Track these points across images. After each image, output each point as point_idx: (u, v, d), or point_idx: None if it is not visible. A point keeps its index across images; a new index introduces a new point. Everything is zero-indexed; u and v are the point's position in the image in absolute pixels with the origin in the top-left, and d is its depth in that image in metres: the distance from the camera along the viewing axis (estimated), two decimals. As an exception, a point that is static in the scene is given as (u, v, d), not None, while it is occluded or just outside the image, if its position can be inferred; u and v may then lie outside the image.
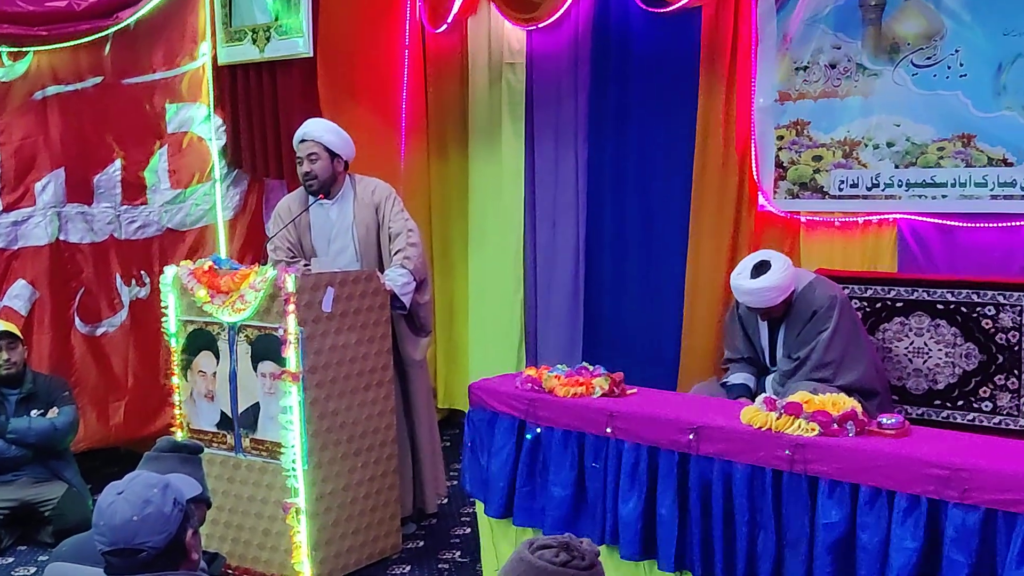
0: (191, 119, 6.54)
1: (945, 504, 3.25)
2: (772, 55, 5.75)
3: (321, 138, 5.24)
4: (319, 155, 5.23)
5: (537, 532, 4.32)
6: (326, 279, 4.71)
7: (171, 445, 3.31)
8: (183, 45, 6.50)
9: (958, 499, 3.22)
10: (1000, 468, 3.19)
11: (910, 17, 5.32)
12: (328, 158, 5.23)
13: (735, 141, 5.89)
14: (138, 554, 2.37)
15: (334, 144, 5.25)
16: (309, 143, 5.25)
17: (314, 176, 5.23)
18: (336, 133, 5.29)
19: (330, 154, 5.23)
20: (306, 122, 5.37)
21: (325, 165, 5.23)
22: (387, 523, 5.04)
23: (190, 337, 4.99)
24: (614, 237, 6.55)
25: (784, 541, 3.62)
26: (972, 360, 5.05)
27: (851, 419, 3.60)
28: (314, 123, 5.36)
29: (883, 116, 5.43)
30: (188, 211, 6.53)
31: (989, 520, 3.18)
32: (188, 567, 2.47)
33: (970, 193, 5.20)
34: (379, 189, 5.34)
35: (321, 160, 5.23)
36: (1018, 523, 3.10)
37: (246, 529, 4.86)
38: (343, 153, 5.29)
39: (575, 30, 6.59)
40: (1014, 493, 3.11)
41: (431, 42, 7.22)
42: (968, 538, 3.19)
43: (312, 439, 4.62)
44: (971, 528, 3.19)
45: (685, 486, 3.88)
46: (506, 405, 4.45)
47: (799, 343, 4.84)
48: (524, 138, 6.91)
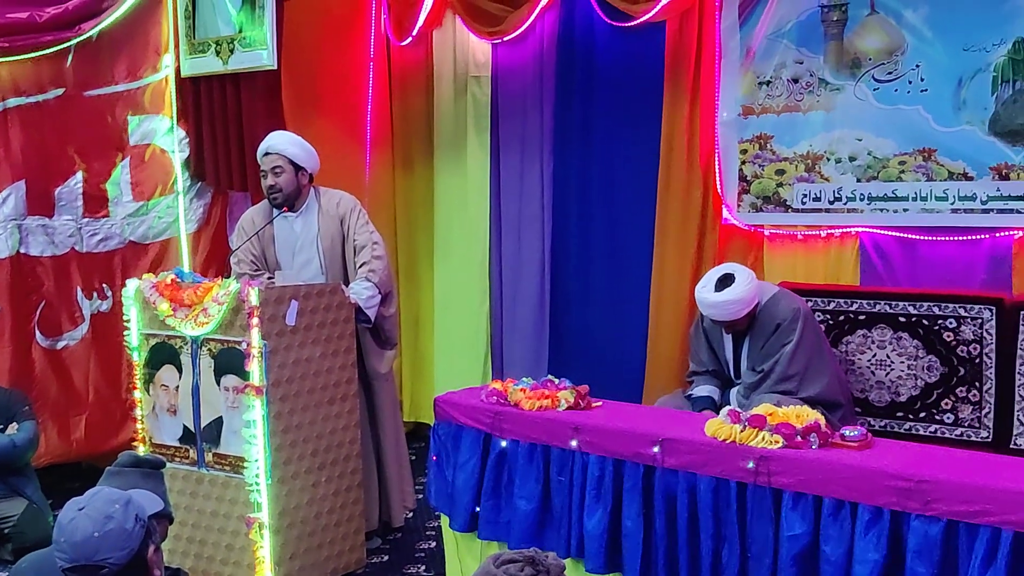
0: (154, 131, 6.49)
1: (908, 516, 3.28)
2: (735, 69, 5.80)
3: (285, 151, 5.22)
4: (283, 168, 5.20)
5: (503, 546, 4.32)
6: (290, 292, 4.69)
7: (133, 460, 3.28)
8: (146, 57, 6.46)
9: (920, 511, 3.24)
10: (962, 480, 3.21)
11: (871, 32, 5.37)
12: (292, 171, 5.21)
13: (699, 155, 5.92)
14: (99, 571, 2.35)
15: (298, 157, 5.23)
16: (273, 156, 5.22)
17: (279, 189, 5.20)
18: (300, 146, 5.27)
19: (294, 167, 5.21)
20: (270, 135, 5.35)
21: (289, 178, 5.21)
22: (351, 538, 5.01)
23: (152, 351, 4.94)
24: (579, 250, 6.56)
25: (748, 553, 3.63)
26: (934, 372, 5.10)
27: (814, 431, 3.62)
28: (278, 136, 5.34)
29: (845, 130, 5.48)
30: (151, 224, 6.48)
31: (951, 531, 3.20)
32: (150, 583, 2.45)
33: (931, 207, 5.25)
34: (344, 201, 5.32)
35: (285, 173, 5.20)
36: (980, 534, 3.12)
37: (209, 544, 4.82)
38: (307, 166, 5.26)
39: (540, 44, 6.61)
40: (976, 504, 3.13)
41: (396, 55, 7.22)
42: (930, 550, 3.21)
43: (276, 453, 4.59)
44: (933, 540, 3.21)
45: (650, 499, 3.89)
46: (471, 418, 4.45)
47: (763, 356, 4.86)
48: (489, 151, 6.91)
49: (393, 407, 5.52)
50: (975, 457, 3.64)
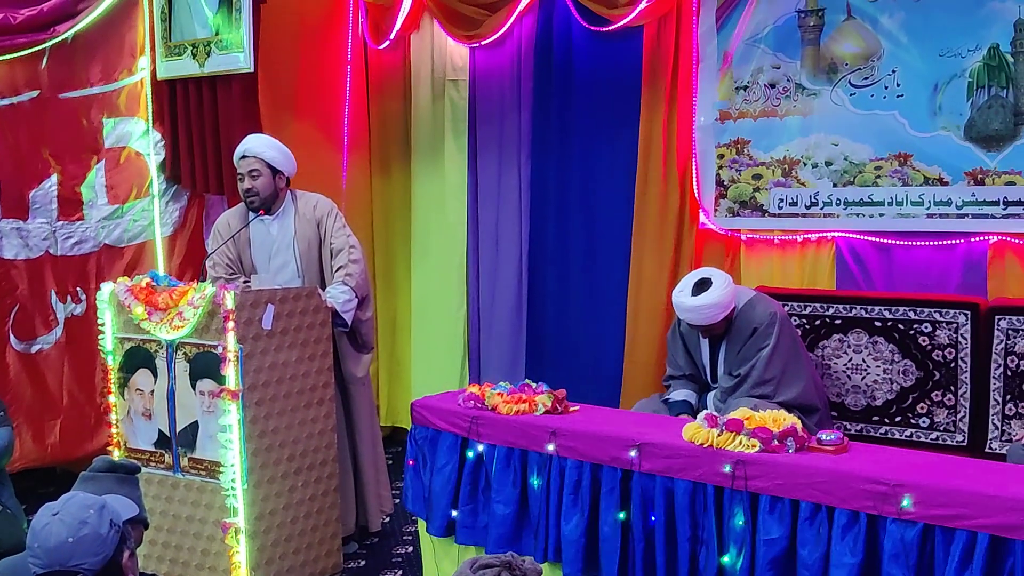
0: (129, 134, 6.46)
1: (884, 520, 3.28)
2: (713, 74, 5.81)
3: (263, 154, 5.20)
4: (260, 171, 5.18)
5: (480, 550, 4.31)
6: (266, 296, 4.67)
7: (107, 465, 3.25)
8: (121, 59, 6.43)
9: (896, 515, 3.25)
10: (937, 484, 3.22)
11: (848, 38, 5.40)
12: (270, 174, 5.19)
13: (676, 159, 5.94)
14: (73, 576, 2.33)
15: (276, 160, 5.21)
16: (250, 159, 5.20)
17: (256, 192, 5.18)
18: (278, 149, 5.25)
19: (272, 170, 5.19)
20: (247, 138, 5.32)
21: (267, 182, 5.19)
22: (328, 542, 4.98)
23: (127, 355, 4.91)
24: (557, 254, 6.56)
25: (725, 557, 3.63)
26: (909, 377, 5.12)
27: (791, 435, 3.62)
28: (255, 139, 5.32)
29: (821, 135, 5.50)
30: (126, 227, 6.45)
31: (927, 535, 3.21)
32: (124, 589, 2.43)
33: (907, 212, 5.28)
34: (320, 204, 5.30)
35: (263, 176, 5.18)
36: (956, 538, 3.13)
37: (184, 549, 4.79)
38: (284, 169, 5.25)
39: (518, 48, 6.61)
40: (951, 508, 3.14)
41: (373, 58, 7.21)
42: (907, 553, 3.22)
43: (252, 458, 4.57)
44: (909, 543, 3.22)
45: (628, 503, 3.89)
46: (448, 423, 4.43)
47: (740, 360, 4.87)
48: (467, 155, 6.90)
49: (370, 411, 5.50)
50: (951, 461, 3.66)
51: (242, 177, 5.20)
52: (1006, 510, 3.04)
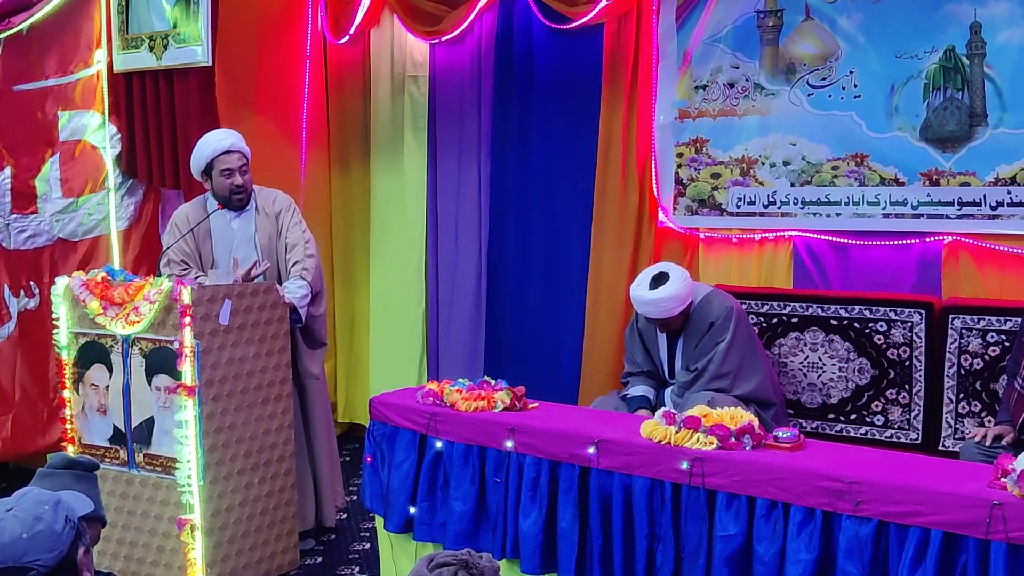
0: (84, 127, 6.39)
1: (839, 516, 3.32)
2: (672, 73, 5.83)
3: (245, 150, 5.20)
4: (248, 167, 5.19)
5: (438, 547, 4.30)
6: (223, 291, 4.63)
7: (65, 462, 3.20)
8: (77, 52, 6.36)
9: (851, 511, 3.28)
10: (892, 481, 3.26)
11: (806, 38, 5.44)
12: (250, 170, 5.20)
13: (636, 157, 5.95)
14: (27, 572, 2.28)
15: (249, 155, 5.23)
16: (238, 155, 5.15)
17: (245, 189, 5.16)
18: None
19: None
20: (222, 132, 5.28)
21: (251, 177, 5.20)
22: (284, 539, 4.96)
23: (82, 350, 4.86)
24: (516, 251, 6.55)
25: (683, 553, 3.65)
26: (865, 375, 5.17)
27: (748, 432, 3.65)
28: (232, 133, 5.28)
29: (779, 135, 5.54)
30: (80, 221, 6.38)
31: (881, 532, 3.25)
32: (78, 586, 2.39)
33: (863, 211, 5.33)
34: (279, 199, 5.28)
35: (250, 173, 5.19)
36: (910, 535, 3.17)
37: (139, 546, 4.75)
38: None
39: (478, 44, 6.60)
40: (906, 505, 3.18)
41: (333, 53, 7.17)
42: (861, 550, 3.25)
43: (208, 454, 4.54)
44: (864, 540, 3.25)
45: (585, 500, 3.90)
46: (407, 419, 4.43)
47: (697, 354, 4.90)
48: (427, 151, 6.88)
49: (325, 407, 5.48)
50: (905, 459, 3.70)
51: (231, 172, 5.13)
52: (959, 507, 3.08)
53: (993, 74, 4.96)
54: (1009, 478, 3.07)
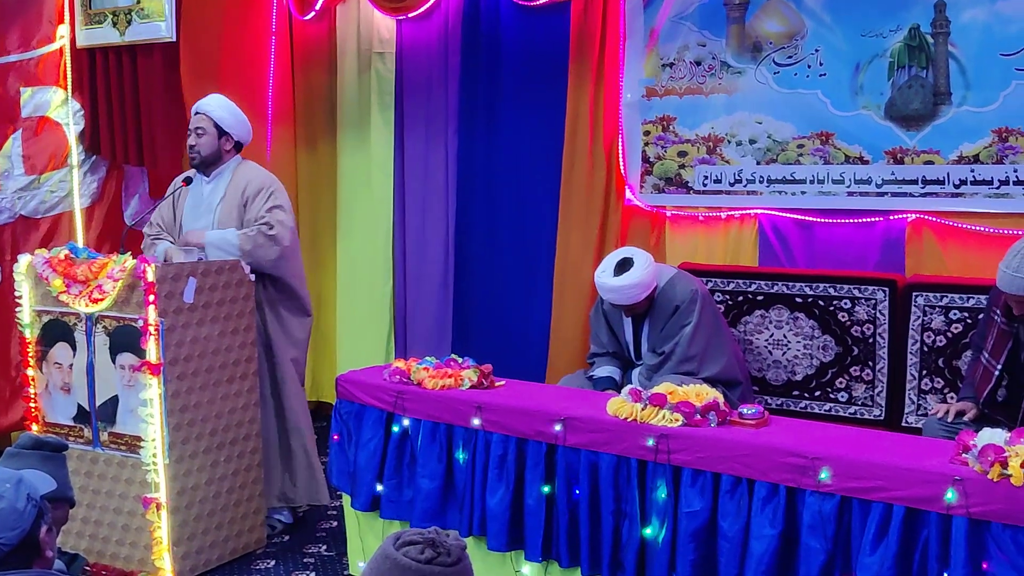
0: (47, 103, 6.32)
1: (803, 492, 3.34)
2: (639, 51, 5.83)
3: (212, 113, 5.14)
4: (205, 130, 5.12)
5: (405, 525, 4.31)
6: (188, 269, 4.60)
7: (33, 442, 3.18)
8: (40, 27, 6.28)
9: (814, 487, 3.31)
10: (855, 457, 3.29)
11: (772, 16, 5.45)
12: (215, 135, 5.13)
13: (603, 135, 5.96)
14: (-12, 551, 2.28)
15: (224, 121, 5.14)
16: (200, 116, 5.15)
17: (197, 151, 5.13)
18: (229, 111, 5.18)
19: (219, 131, 5.13)
20: (208, 96, 5.25)
21: (210, 141, 5.13)
22: (251, 517, 4.95)
23: (45, 328, 4.82)
24: (484, 229, 6.55)
25: (648, 529, 3.67)
26: (829, 352, 5.21)
27: (713, 409, 3.67)
28: (211, 97, 5.24)
29: (746, 113, 5.55)
30: (42, 198, 6.31)
31: (844, 507, 3.27)
32: (42, 565, 2.39)
33: (828, 190, 5.36)
34: (257, 179, 5.15)
35: (207, 136, 5.13)
36: (872, 510, 3.20)
37: (104, 525, 4.73)
38: (233, 132, 5.17)
39: (445, 21, 6.57)
40: (868, 481, 3.21)
41: (299, 29, 7.12)
42: (824, 525, 3.29)
43: (173, 432, 4.52)
44: (827, 515, 3.28)
45: (552, 477, 3.91)
46: (374, 397, 4.42)
47: (663, 338, 4.92)
48: (394, 129, 6.87)
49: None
50: (868, 435, 3.73)
51: (190, 132, 5.15)
52: (921, 483, 3.11)
53: (957, 52, 4.99)
54: (970, 454, 3.10)
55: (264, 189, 5.11)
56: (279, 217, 5.05)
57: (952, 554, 3.04)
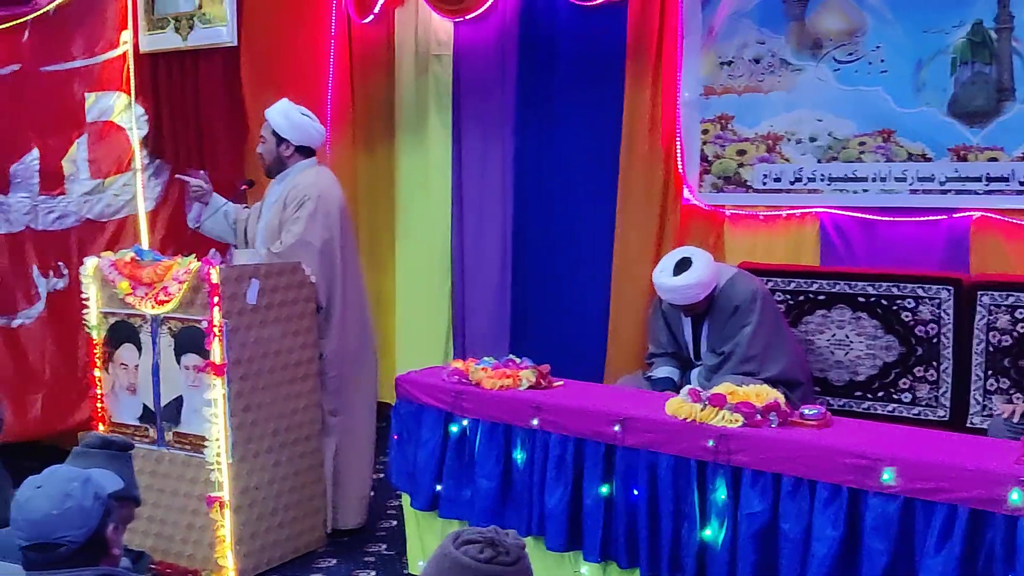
0: (111, 108, 6.41)
1: (865, 493, 3.31)
2: (697, 49, 5.80)
3: (271, 119, 5.21)
4: (266, 138, 5.22)
5: (463, 524, 4.32)
6: (251, 271, 4.66)
7: (100, 441, 3.22)
8: (104, 33, 6.38)
9: (878, 488, 3.27)
10: (919, 458, 3.25)
11: (833, 13, 5.39)
12: (274, 141, 5.19)
13: (661, 135, 5.93)
14: (57, 549, 2.33)
15: (280, 127, 5.18)
16: (265, 123, 5.25)
17: (261, 156, 5.25)
18: (286, 116, 5.20)
19: (277, 137, 5.18)
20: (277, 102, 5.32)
21: (270, 148, 5.21)
22: (312, 516, 5.00)
23: (111, 329, 4.90)
24: (541, 230, 6.55)
25: (707, 531, 3.65)
26: (892, 352, 5.15)
27: (774, 410, 3.64)
28: (277, 104, 5.29)
29: (805, 111, 5.50)
30: (108, 201, 6.41)
31: (908, 509, 3.24)
32: (109, 563, 2.43)
33: (890, 188, 5.30)
34: (298, 190, 5.10)
35: (267, 143, 5.21)
36: (936, 511, 3.16)
37: (169, 524, 4.79)
38: (290, 137, 5.18)
39: (502, 22, 6.58)
40: (932, 482, 3.17)
41: (357, 33, 7.16)
42: (887, 526, 3.25)
43: (236, 432, 4.57)
44: (890, 516, 3.25)
45: (611, 477, 3.90)
46: (433, 397, 4.44)
47: (723, 338, 4.89)
48: (451, 130, 6.89)
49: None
50: (932, 435, 3.69)
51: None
52: (986, 484, 3.07)
53: (1021, 48, 4.90)
54: (1036, 455, 3.06)
55: (299, 199, 5.07)
56: (294, 229, 5.00)
57: (1017, 556, 3.00)
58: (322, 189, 5.11)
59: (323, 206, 5.06)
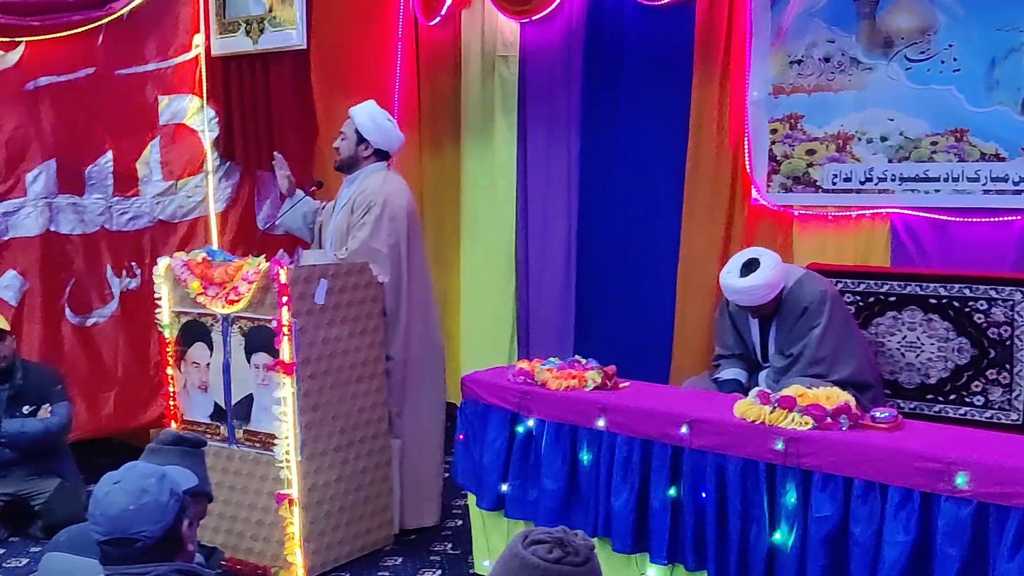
0: (183, 110, 6.51)
1: (938, 497, 3.27)
2: (766, 48, 5.75)
3: (356, 118, 5.29)
4: (347, 135, 5.29)
5: (529, 525, 4.33)
6: (319, 271, 4.71)
7: (173, 438, 3.28)
8: (176, 36, 6.48)
9: (950, 492, 3.23)
10: (993, 461, 3.20)
11: (904, 11, 5.32)
12: (355, 140, 5.26)
13: (728, 134, 5.89)
14: (134, 544, 2.36)
15: (364, 128, 5.26)
16: (348, 120, 5.31)
17: (337, 152, 5.32)
18: (373, 118, 5.29)
19: (359, 137, 5.25)
20: (364, 102, 5.42)
21: (349, 145, 5.28)
22: (379, 515, 5.04)
23: (183, 328, 4.98)
24: (606, 230, 6.54)
25: (776, 534, 3.62)
26: (964, 354, 5.07)
27: (845, 413, 3.61)
28: (365, 104, 5.40)
29: (876, 110, 5.43)
30: (180, 203, 6.51)
31: (981, 513, 3.19)
32: (183, 558, 2.46)
33: (963, 188, 5.21)
34: (367, 193, 5.16)
35: (347, 140, 5.29)
36: (1010, 516, 3.11)
37: (239, 520, 4.86)
38: (373, 140, 5.26)
39: (569, 22, 6.57)
40: (1006, 486, 3.12)
41: (424, 34, 7.20)
42: (960, 531, 3.21)
43: (305, 430, 4.62)
44: (963, 521, 3.20)
45: (678, 479, 3.89)
46: (498, 398, 4.46)
47: (791, 340, 4.84)
48: (517, 131, 6.89)
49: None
50: (1005, 439, 3.62)
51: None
52: (1063, 489, 3.01)
53: (1098, 45, 4.81)
54: (1116, 460, 2.99)
55: (365, 204, 5.14)
56: (360, 235, 5.07)
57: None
58: (388, 194, 5.16)
59: (389, 211, 5.11)
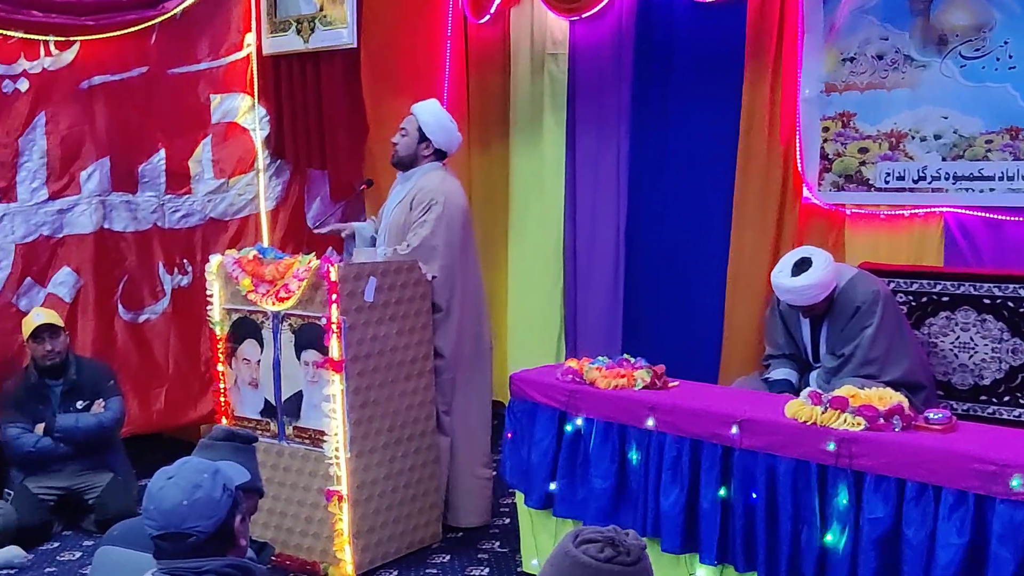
0: (235, 109, 6.56)
1: (992, 500, 3.22)
2: (818, 46, 5.71)
3: (419, 116, 5.31)
4: (408, 132, 5.30)
5: (578, 524, 4.32)
6: (368, 269, 4.73)
7: (225, 434, 3.30)
8: (228, 35, 6.53)
9: (1005, 495, 3.18)
10: (1049, 464, 3.15)
11: (959, 8, 5.26)
12: (416, 137, 5.28)
13: (780, 132, 5.85)
14: (187, 538, 2.38)
15: (428, 126, 5.28)
16: (410, 117, 5.34)
17: (396, 148, 5.33)
18: (437, 118, 5.33)
19: (420, 135, 5.26)
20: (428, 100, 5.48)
21: (409, 142, 5.30)
22: (427, 512, 5.06)
23: (234, 325, 5.02)
24: (654, 229, 6.51)
25: (828, 536, 3.59)
26: (1019, 355, 4.99)
27: (898, 414, 3.57)
28: (428, 102, 5.45)
29: (930, 108, 5.37)
30: (231, 201, 6.56)
31: (1038, 517, 3.14)
32: (236, 553, 2.48)
33: (1018, 187, 5.14)
34: (425, 192, 5.19)
35: (407, 136, 5.30)
36: (1067, 520, 3.06)
37: (289, 516, 4.89)
38: (434, 139, 5.28)
39: (618, 20, 6.56)
40: (1064, 490, 3.07)
41: (473, 33, 7.21)
42: (1016, 534, 3.16)
43: (354, 427, 4.64)
44: (1019, 524, 3.15)
45: (728, 479, 3.86)
46: (547, 396, 4.45)
47: (843, 340, 4.80)
48: (565, 129, 6.89)
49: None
50: (1062, 442, 3.56)
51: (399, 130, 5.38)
52: (1122, 493, 2.96)
53: None
54: None
55: (425, 202, 5.16)
56: (421, 232, 5.09)
57: None
58: (448, 193, 5.19)
59: (449, 210, 5.14)
